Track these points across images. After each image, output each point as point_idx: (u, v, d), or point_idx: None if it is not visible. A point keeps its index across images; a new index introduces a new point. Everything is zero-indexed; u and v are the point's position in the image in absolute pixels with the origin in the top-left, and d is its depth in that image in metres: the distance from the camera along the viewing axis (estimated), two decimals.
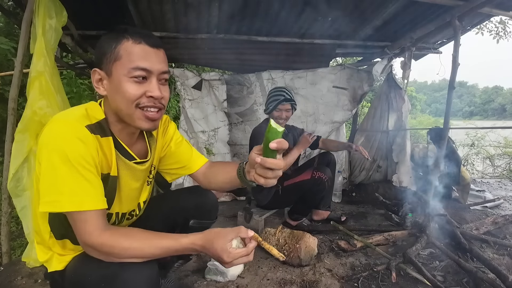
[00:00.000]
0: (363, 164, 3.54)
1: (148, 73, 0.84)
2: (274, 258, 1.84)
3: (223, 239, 0.80)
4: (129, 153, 0.97)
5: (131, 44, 0.83)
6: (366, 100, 7.10)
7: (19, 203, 1.68)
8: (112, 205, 0.96)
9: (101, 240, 0.78)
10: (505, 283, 1.43)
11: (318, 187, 2.21)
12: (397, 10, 2.44)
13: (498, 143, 6.15)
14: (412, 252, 1.67)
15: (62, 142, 0.77)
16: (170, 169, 1.17)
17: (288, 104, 2.30)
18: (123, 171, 0.96)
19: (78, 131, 0.80)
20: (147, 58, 0.83)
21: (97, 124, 0.87)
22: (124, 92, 0.83)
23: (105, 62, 0.84)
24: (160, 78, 0.87)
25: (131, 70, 0.82)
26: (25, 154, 1.63)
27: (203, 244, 0.81)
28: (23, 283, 1.56)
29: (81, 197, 0.78)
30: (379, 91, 3.59)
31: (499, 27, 6.52)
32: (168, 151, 1.14)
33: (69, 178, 0.77)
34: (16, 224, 2.45)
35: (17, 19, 2.04)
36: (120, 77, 0.83)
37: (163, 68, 0.87)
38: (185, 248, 0.83)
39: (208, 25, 2.64)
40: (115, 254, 0.79)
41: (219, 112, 3.37)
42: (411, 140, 3.36)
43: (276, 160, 0.75)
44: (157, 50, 0.86)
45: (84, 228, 0.79)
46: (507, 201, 3.22)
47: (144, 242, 0.81)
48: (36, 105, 1.62)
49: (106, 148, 0.89)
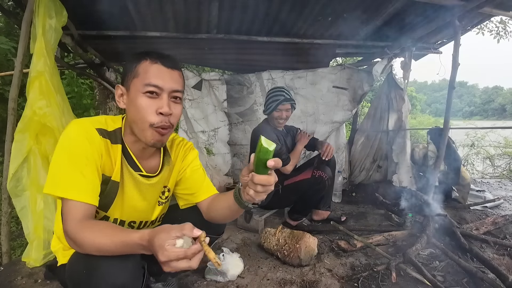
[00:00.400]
0: (363, 164, 3.54)
1: (159, 90, 0.92)
2: (275, 258, 1.84)
3: (165, 234, 0.70)
4: (136, 164, 1.03)
5: (148, 64, 0.93)
6: (366, 100, 7.11)
7: (19, 203, 1.68)
8: (111, 209, 1.01)
9: (74, 230, 0.82)
10: (505, 283, 1.43)
11: (319, 186, 2.21)
12: (397, 10, 2.44)
13: (498, 143, 6.15)
14: (412, 252, 1.67)
15: (70, 139, 0.89)
16: (182, 194, 1.21)
17: (288, 104, 2.31)
18: (127, 179, 1.02)
19: (87, 132, 0.91)
20: (160, 76, 0.92)
21: (112, 132, 0.98)
22: (137, 105, 0.92)
23: (126, 79, 0.96)
24: (171, 96, 0.94)
25: (145, 86, 0.91)
26: (24, 154, 1.64)
27: (149, 239, 0.73)
28: (23, 283, 1.56)
29: (72, 187, 0.85)
30: (379, 91, 3.59)
31: (500, 26, 6.52)
32: (183, 176, 1.18)
33: (67, 170, 0.87)
34: (16, 224, 2.45)
35: (17, 19, 2.04)
36: (135, 92, 0.92)
37: (175, 87, 0.94)
38: (135, 243, 0.76)
39: (208, 25, 2.64)
40: (82, 245, 0.82)
41: (219, 112, 3.37)
42: (411, 140, 3.36)
43: (267, 176, 0.75)
44: (172, 70, 0.94)
45: (66, 216, 0.85)
46: (507, 201, 3.22)
47: (104, 237, 0.80)
48: (36, 105, 1.63)
49: (113, 153, 0.97)
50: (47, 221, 1.71)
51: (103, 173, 0.95)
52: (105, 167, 0.95)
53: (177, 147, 1.19)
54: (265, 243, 1.91)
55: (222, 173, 3.45)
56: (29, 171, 1.67)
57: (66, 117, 1.81)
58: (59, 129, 1.70)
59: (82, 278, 0.86)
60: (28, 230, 1.70)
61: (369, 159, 3.53)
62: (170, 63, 0.94)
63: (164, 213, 1.24)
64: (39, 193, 1.69)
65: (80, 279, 0.87)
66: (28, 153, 1.65)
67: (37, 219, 1.69)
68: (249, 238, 2.15)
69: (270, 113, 2.34)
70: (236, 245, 2.03)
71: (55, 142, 1.70)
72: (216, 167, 3.40)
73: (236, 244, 2.05)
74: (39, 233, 1.68)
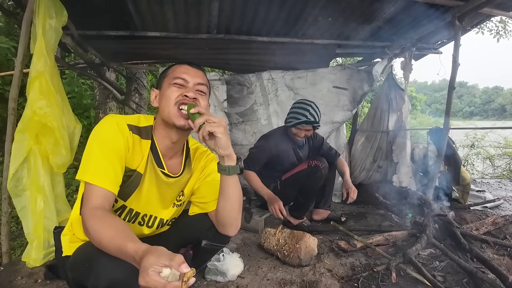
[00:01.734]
0: (363, 164, 3.54)
1: (185, 82, 1.06)
2: (275, 258, 1.84)
3: (154, 259, 0.67)
4: (161, 161, 1.10)
5: (177, 66, 1.10)
6: (366, 100, 7.11)
7: (19, 203, 1.68)
8: (130, 199, 1.09)
9: (88, 214, 0.87)
10: (505, 283, 1.43)
11: (316, 175, 2.19)
12: (397, 10, 2.44)
13: (498, 143, 6.15)
14: (412, 252, 1.66)
15: (101, 130, 0.99)
16: (198, 202, 1.26)
17: (310, 126, 2.22)
18: (149, 173, 1.09)
19: (118, 125, 1.00)
20: (186, 72, 1.07)
21: (143, 128, 1.07)
22: (167, 95, 1.04)
23: (160, 82, 1.10)
24: (196, 88, 1.06)
25: (174, 79, 1.05)
26: (24, 154, 1.64)
27: (141, 256, 0.70)
28: (23, 283, 1.56)
29: (96, 173, 0.93)
30: (379, 91, 3.59)
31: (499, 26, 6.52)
32: (201, 185, 1.23)
33: (94, 157, 0.95)
34: (16, 224, 2.45)
35: (18, 19, 2.04)
36: (166, 86, 1.06)
37: (199, 80, 1.08)
38: (128, 254, 0.74)
39: (208, 25, 2.64)
40: (88, 232, 0.86)
41: (219, 112, 3.37)
42: (411, 141, 3.36)
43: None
44: (197, 70, 1.10)
45: (86, 199, 0.92)
46: (507, 202, 3.22)
47: (107, 234, 0.82)
48: (36, 105, 1.62)
49: (141, 148, 1.06)
50: (47, 221, 1.70)
51: (129, 166, 1.03)
52: (132, 161, 1.03)
53: (200, 156, 1.24)
54: (265, 243, 1.91)
55: None
56: (29, 171, 1.67)
57: (66, 117, 1.81)
58: (59, 129, 1.70)
59: (83, 271, 0.88)
60: (28, 230, 1.69)
61: (369, 159, 3.52)
62: (195, 65, 1.11)
63: (175, 217, 1.27)
64: (39, 193, 1.69)
65: (81, 272, 0.90)
66: (28, 153, 1.65)
67: (37, 219, 1.68)
68: (249, 238, 2.15)
69: (289, 127, 2.26)
70: (236, 245, 2.03)
71: (55, 142, 1.71)
72: None
73: (236, 244, 2.05)
74: (39, 233, 1.68)
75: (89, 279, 0.86)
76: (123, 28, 2.61)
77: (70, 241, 1.09)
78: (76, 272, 0.96)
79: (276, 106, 3.46)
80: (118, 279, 0.83)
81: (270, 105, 3.46)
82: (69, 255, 1.05)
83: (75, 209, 1.10)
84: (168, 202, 1.20)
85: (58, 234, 1.16)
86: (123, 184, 1.01)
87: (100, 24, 2.53)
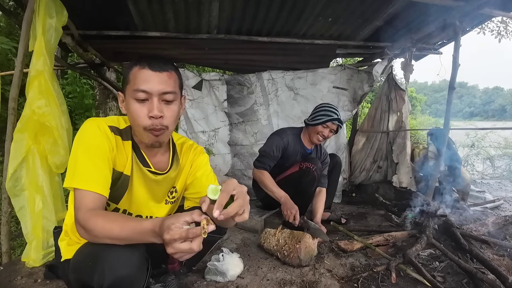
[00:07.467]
0: (363, 164, 3.54)
1: (148, 95, 0.95)
2: (274, 258, 1.84)
3: (174, 219, 0.75)
4: (145, 160, 1.08)
5: (137, 70, 0.96)
6: (366, 100, 7.10)
7: (18, 203, 1.67)
8: (121, 201, 1.07)
9: (85, 217, 0.86)
10: (505, 284, 1.42)
11: (308, 178, 2.17)
12: (397, 10, 2.44)
13: (498, 144, 6.15)
14: (412, 252, 1.66)
15: (84, 134, 0.97)
16: (192, 197, 1.24)
17: (335, 125, 2.21)
18: (136, 173, 1.08)
19: (99, 127, 0.98)
20: (148, 81, 0.95)
21: (123, 129, 1.05)
22: (131, 111, 0.97)
23: (123, 86, 1.02)
24: (162, 99, 0.97)
25: (134, 92, 0.96)
26: (23, 154, 1.63)
27: (160, 224, 0.76)
28: (23, 282, 1.56)
29: (84, 178, 0.91)
30: (380, 91, 3.59)
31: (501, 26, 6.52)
32: (193, 179, 1.20)
33: (80, 162, 0.93)
34: (16, 224, 2.45)
35: (18, 19, 2.04)
36: (128, 98, 0.98)
37: (164, 89, 0.96)
38: (147, 229, 0.79)
39: (209, 25, 2.65)
40: (92, 231, 0.84)
41: (219, 112, 3.37)
42: (411, 141, 3.36)
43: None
44: (160, 73, 0.96)
45: (78, 205, 0.89)
46: (507, 202, 3.22)
47: (115, 223, 0.83)
48: (35, 105, 1.62)
49: (125, 149, 1.04)
50: (45, 221, 1.70)
51: (116, 168, 1.01)
52: (117, 162, 1.02)
53: (187, 151, 1.22)
54: (265, 244, 1.91)
55: (222, 173, 3.44)
56: (28, 171, 1.66)
57: (65, 116, 1.81)
58: (58, 128, 1.69)
59: (87, 270, 0.88)
60: (27, 230, 1.69)
61: (369, 160, 3.52)
62: (158, 66, 0.96)
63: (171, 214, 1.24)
64: (37, 193, 1.68)
65: (85, 271, 0.89)
66: (27, 153, 1.64)
67: (35, 219, 1.68)
68: (249, 238, 2.15)
69: (315, 125, 2.22)
70: (236, 245, 2.03)
71: (54, 141, 1.70)
72: (216, 167, 3.39)
73: (236, 244, 2.04)
74: (37, 233, 1.68)
75: (93, 277, 0.86)
76: (123, 28, 2.61)
77: (68, 245, 1.08)
78: (80, 273, 0.95)
79: (276, 106, 3.46)
80: (123, 275, 0.83)
81: (270, 105, 3.46)
82: (69, 259, 1.03)
83: (68, 218, 1.08)
84: (160, 200, 1.18)
85: (58, 234, 1.15)
86: (113, 187, 0.99)
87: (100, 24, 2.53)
